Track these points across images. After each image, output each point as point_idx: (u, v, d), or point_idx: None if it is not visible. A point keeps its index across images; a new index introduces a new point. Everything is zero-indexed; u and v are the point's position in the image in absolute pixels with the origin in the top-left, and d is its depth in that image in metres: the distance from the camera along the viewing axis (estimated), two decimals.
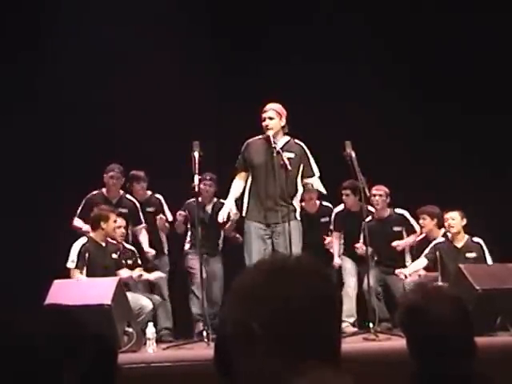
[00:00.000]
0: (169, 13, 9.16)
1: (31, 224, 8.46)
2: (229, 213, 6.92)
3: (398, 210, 8.29)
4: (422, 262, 7.59)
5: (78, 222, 7.83)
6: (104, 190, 8.03)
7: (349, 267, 8.37)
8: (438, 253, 7.55)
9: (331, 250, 8.44)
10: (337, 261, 8.42)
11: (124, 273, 7.40)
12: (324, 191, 7.18)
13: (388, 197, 8.24)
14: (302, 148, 6.99)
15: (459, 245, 7.56)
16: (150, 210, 8.29)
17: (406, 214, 8.24)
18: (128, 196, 8.10)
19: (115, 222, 7.39)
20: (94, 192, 7.98)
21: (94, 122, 8.85)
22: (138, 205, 8.08)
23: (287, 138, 6.92)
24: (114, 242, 7.55)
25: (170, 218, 8.32)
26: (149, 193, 8.38)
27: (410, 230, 8.21)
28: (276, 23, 9.11)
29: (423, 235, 8.03)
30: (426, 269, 7.70)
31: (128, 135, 8.85)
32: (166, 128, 8.81)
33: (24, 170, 8.66)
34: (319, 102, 8.94)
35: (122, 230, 7.71)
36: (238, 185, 6.98)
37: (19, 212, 8.58)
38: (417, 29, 9.11)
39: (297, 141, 6.98)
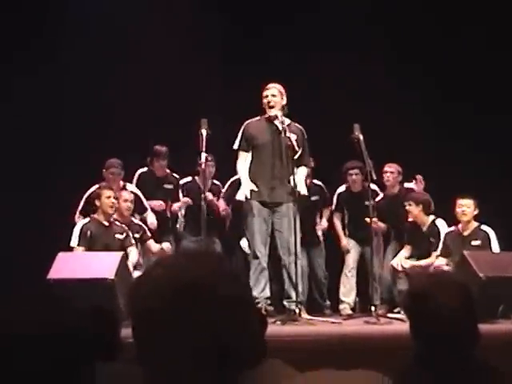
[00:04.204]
0: None
1: (37, 199, 8.48)
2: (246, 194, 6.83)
3: (407, 185, 8.27)
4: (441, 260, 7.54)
5: (78, 219, 7.71)
6: (103, 184, 7.83)
7: (350, 248, 8.38)
8: (448, 241, 7.49)
9: (319, 233, 8.47)
10: (344, 242, 8.43)
11: (133, 252, 7.36)
12: (305, 191, 7.01)
13: (400, 175, 8.23)
14: (302, 133, 6.95)
15: (466, 233, 7.52)
16: (168, 187, 8.30)
17: (415, 187, 8.19)
18: (128, 187, 8.00)
19: (108, 197, 7.33)
20: (93, 188, 7.82)
21: (99, 101, 8.85)
22: (139, 194, 7.99)
23: (288, 119, 6.87)
24: (120, 224, 7.50)
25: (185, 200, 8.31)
26: (167, 171, 8.36)
27: None
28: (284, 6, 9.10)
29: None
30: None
31: (133, 113, 8.85)
32: (172, 106, 8.80)
33: (27, 146, 8.66)
34: (328, 83, 8.90)
35: (128, 204, 7.67)
36: (245, 166, 6.92)
37: (27, 186, 8.59)
38: (429, 17, 9.09)
39: (297, 124, 6.94)
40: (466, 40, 8.97)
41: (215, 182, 8.19)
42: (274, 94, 6.81)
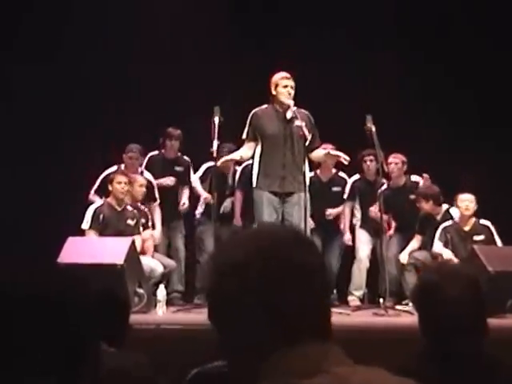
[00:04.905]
0: None
1: (52, 175, 8.54)
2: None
3: (413, 178, 8.23)
4: (439, 245, 7.55)
5: (93, 197, 7.85)
6: (122, 166, 8.01)
7: (363, 240, 8.30)
8: (448, 235, 7.53)
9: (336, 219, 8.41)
10: (347, 237, 8.33)
11: (137, 241, 7.34)
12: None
13: (404, 165, 8.19)
14: (309, 118, 6.92)
15: (467, 228, 7.56)
16: (178, 169, 8.35)
17: (421, 181, 8.17)
18: (145, 174, 8.11)
19: (119, 183, 7.40)
20: (112, 169, 7.97)
21: (115, 87, 8.87)
22: (154, 183, 8.08)
23: (294, 106, 6.80)
24: (132, 209, 7.56)
25: (194, 185, 8.35)
26: (178, 154, 8.40)
27: None
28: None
29: None
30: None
31: (146, 98, 8.91)
32: (185, 93, 8.81)
33: (43, 122, 8.69)
34: (339, 74, 8.86)
35: (143, 189, 7.78)
36: (246, 150, 6.89)
37: (41, 163, 8.65)
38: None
39: (303, 110, 6.89)
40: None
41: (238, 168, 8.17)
42: (293, 86, 6.78)
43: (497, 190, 8.44)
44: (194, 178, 8.39)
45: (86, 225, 7.29)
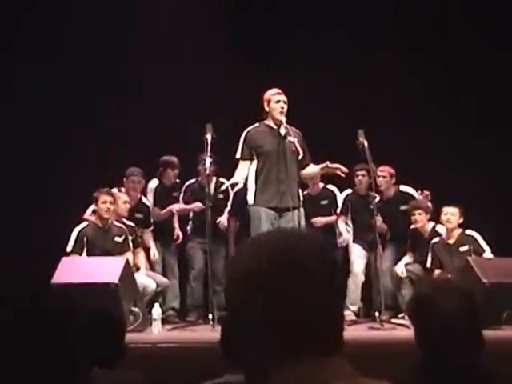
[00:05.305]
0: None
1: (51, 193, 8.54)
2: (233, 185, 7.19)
3: (403, 188, 8.25)
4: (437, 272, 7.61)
5: (90, 218, 7.75)
6: (123, 190, 7.96)
7: (357, 254, 8.28)
8: (436, 251, 7.58)
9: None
10: (344, 236, 8.31)
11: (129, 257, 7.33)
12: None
13: (393, 177, 8.21)
14: (300, 135, 6.93)
15: (451, 241, 7.60)
16: (175, 194, 8.36)
17: (412, 191, 8.19)
18: (144, 200, 8.13)
19: (104, 202, 7.32)
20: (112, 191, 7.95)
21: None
22: (151, 208, 8.14)
23: (286, 123, 6.81)
24: (121, 225, 7.53)
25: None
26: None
27: None
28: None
29: None
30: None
31: (146, 98, 8.95)
32: (184, 93, 8.83)
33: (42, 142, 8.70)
34: (332, 88, 8.87)
35: (127, 205, 7.72)
36: (243, 170, 6.86)
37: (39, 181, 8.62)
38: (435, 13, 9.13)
39: (293, 128, 6.87)
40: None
41: (222, 179, 8.10)
42: (285, 101, 6.79)
43: (496, 191, 8.46)
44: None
45: (69, 247, 7.27)
